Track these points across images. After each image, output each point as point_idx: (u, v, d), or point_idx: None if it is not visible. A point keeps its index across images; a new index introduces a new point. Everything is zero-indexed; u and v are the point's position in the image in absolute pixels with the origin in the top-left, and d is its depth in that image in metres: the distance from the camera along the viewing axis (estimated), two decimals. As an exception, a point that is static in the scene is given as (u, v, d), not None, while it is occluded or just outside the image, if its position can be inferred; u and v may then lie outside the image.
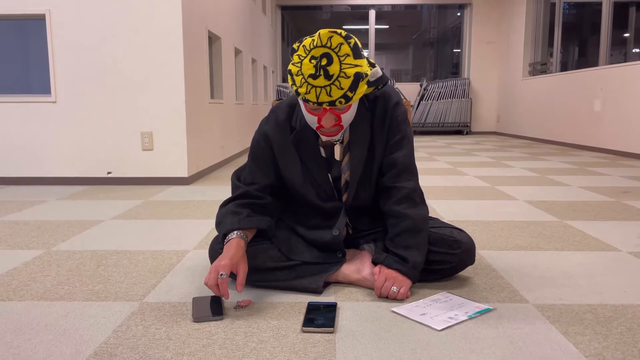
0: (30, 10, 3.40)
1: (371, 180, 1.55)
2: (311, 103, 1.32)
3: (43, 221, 2.45)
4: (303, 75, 1.30)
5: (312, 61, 1.29)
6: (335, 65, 1.28)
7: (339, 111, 1.36)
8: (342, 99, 1.31)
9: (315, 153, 1.51)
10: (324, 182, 1.53)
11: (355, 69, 1.30)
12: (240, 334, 1.22)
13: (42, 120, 3.50)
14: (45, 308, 1.39)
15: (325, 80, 1.28)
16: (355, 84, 1.30)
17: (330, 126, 1.37)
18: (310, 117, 1.39)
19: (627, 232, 2.19)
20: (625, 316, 1.32)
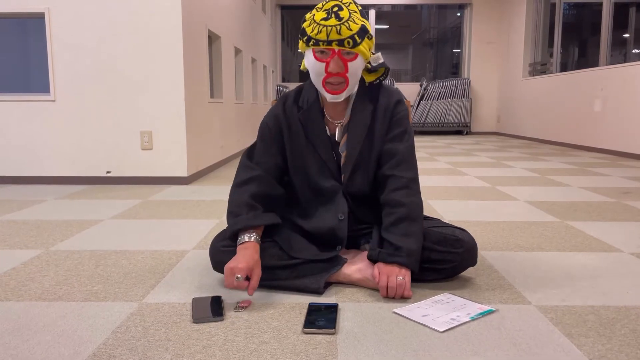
0: (30, 9, 3.38)
1: (368, 167, 1.58)
2: (322, 43, 1.40)
3: (42, 221, 2.44)
4: (315, 21, 1.41)
5: (324, 12, 1.42)
6: (345, 12, 1.41)
7: (346, 58, 1.42)
8: (350, 39, 1.40)
9: (321, 130, 1.57)
10: (328, 159, 1.57)
11: (362, 23, 1.43)
12: (241, 335, 1.21)
13: (41, 119, 3.49)
14: (44, 308, 1.38)
15: (336, 21, 1.39)
16: (362, 33, 1.41)
17: (337, 74, 1.42)
18: (318, 65, 1.44)
19: (629, 233, 2.18)
20: (629, 317, 1.31)
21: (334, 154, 1.59)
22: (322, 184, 1.58)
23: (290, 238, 1.57)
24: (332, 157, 1.58)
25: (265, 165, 1.58)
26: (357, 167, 1.57)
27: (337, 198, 1.58)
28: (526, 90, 8.12)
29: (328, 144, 1.57)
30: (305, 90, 1.60)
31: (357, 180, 1.59)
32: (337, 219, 1.55)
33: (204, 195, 3.11)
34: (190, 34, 3.60)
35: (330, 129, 1.59)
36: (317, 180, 1.58)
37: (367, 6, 9.69)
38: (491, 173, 4.09)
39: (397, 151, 1.54)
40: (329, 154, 1.57)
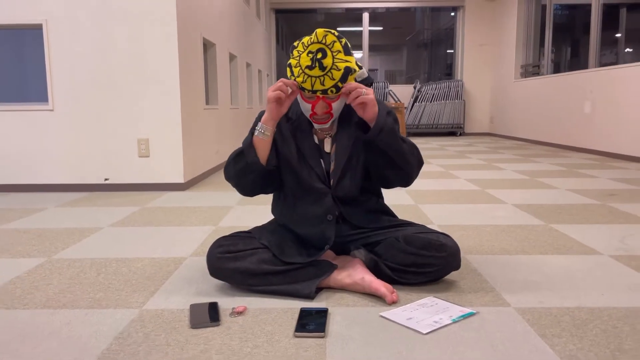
0: (28, 20, 3.45)
1: (355, 173, 1.68)
2: (307, 91, 1.52)
3: (43, 229, 2.51)
4: (301, 66, 1.51)
5: (309, 55, 1.50)
6: (329, 59, 1.49)
7: (330, 100, 1.55)
8: (334, 88, 1.51)
9: (309, 140, 1.67)
10: (316, 166, 1.66)
11: (346, 64, 1.52)
12: (236, 340, 1.29)
13: (39, 128, 3.56)
14: (49, 316, 1.45)
15: (320, 71, 1.49)
16: (345, 76, 1.52)
17: (322, 113, 1.57)
18: (305, 105, 1.58)
19: (610, 236, 2.27)
20: (601, 318, 1.40)
21: (322, 162, 1.68)
22: (311, 185, 1.67)
23: (281, 243, 1.66)
24: (319, 164, 1.67)
25: None
26: (344, 173, 1.67)
27: (326, 200, 1.66)
28: (518, 91, 8.22)
29: (317, 153, 1.67)
30: (294, 103, 1.70)
31: (346, 185, 1.68)
32: (326, 220, 1.64)
33: (200, 202, 3.18)
34: (186, 42, 3.68)
35: (319, 137, 1.69)
36: (307, 183, 1.66)
37: (361, 9, 9.78)
38: (482, 176, 4.18)
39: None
40: (316, 162, 1.67)
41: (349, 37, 1.59)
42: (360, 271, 1.60)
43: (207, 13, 4.36)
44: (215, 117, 4.60)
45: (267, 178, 1.65)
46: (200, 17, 4.11)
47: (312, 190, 1.67)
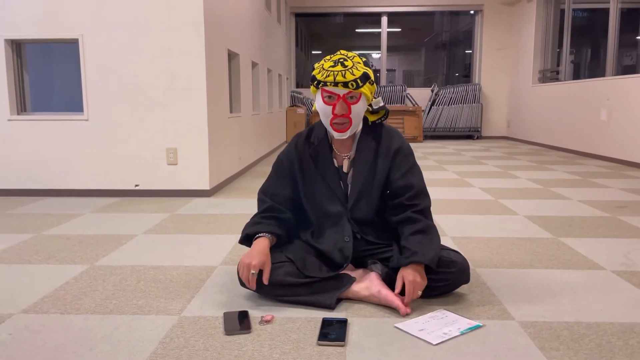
0: (65, 35, 3.66)
1: (371, 195, 1.85)
2: (329, 84, 1.69)
3: (83, 235, 2.71)
4: (324, 68, 1.71)
5: (331, 61, 1.72)
6: (350, 62, 1.71)
7: (350, 101, 1.71)
8: (353, 82, 1.68)
9: (329, 163, 1.85)
10: (336, 187, 1.84)
11: (365, 70, 1.72)
12: (266, 346, 1.46)
13: (75, 136, 3.78)
14: (99, 321, 1.64)
15: (342, 67, 1.68)
16: (364, 78, 1.70)
17: (342, 114, 1.71)
18: (326, 108, 1.74)
19: (616, 250, 2.38)
20: (597, 333, 1.53)
21: (341, 183, 1.85)
22: (329, 209, 1.86)
23: (304, 258, 1.82)
24: (339, 186, 1.85)
25: (277, 197, 1.88)
26: (361, 197, 1.85)
27: (343, 222, 1.84)
28: (535, 96, 8.27)
29: (336, 175, 1.85)
30: (316, 129, 1.89)
31: (361, 208, 1.85)
32: (344, 241, 1.81)
33: (225, 209, 3.37)
34: (212, 55, 3.86)
35: (338, 161, 1.87)
36: (325, 207, 1.86)
37: (379, 13, 9.89)
38: (496, 184, 4.29)
39: (412, 184, 1.81)
40: (336, 183, 1.85)
41: (367, 38, 1.91)
42: (376, 284, 1.75)
43: (231, 25, 4.54)
44: (238, 125, 4.79)
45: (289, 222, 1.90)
46: (225, 29, 4.29)
47: (330, 216, 1.86)
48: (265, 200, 1.89)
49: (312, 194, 1.87)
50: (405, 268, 1.68)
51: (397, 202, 1.81)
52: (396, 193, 1.82)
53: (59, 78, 3.92)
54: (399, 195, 1.81)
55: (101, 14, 3.63)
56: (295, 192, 1.90)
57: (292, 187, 1.89)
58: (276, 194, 1.88)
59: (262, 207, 1.89)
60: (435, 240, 1.74)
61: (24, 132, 3.79)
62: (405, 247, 1.71)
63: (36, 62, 3.95)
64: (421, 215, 1.77)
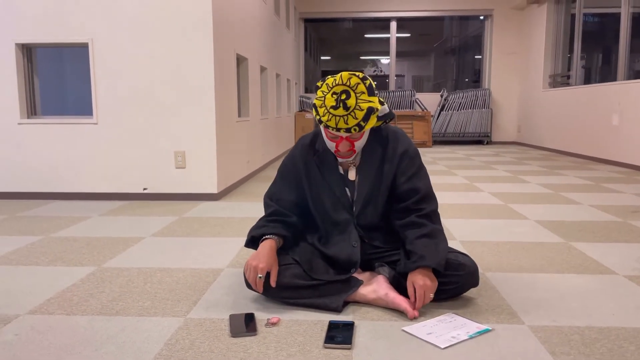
0: (75, 39, 3.70)
1: (377, 201, 1.83)
2: (331, 129, 1.65)
3: (91, 238, 2.72)
4: (326, 106, 1.63)
5: (333, 96, 1.63)
6: (352, 99, 1.62)
7: (353, 139, 1.70)
8: (357, 127, 1.64)
9: (334, 170, 1.83)
10: (341, 195, 1.82)
11: (369, 104, 1.63)
12: (272, 349, 1.44)
13: (84, 140, 3.80)
14: (105, 322, 1.63)
15: (344, 111, 1.62)
16: (367, 115, 1.63)
17: (345, 151, 1.71)
18: (330, 143, 1.74)
19: (628, 255, 2.34)
20: (609, 338, 1.50)
21: (347, 190, 1.82)
22: (336, 217, 1.84)
23: (311, 261, 1.81)
24: (345, 193, 1.83)
25: (282, 202, 1.86)
26: (367, 203, 1.82)
27: (350, 229, 1.82)
28: (546, 101, 8.21)
29: (341, 182, 1.83)
30: (321, 135, 1.85)
31: (368, 214, 1.83)
32: (351, 247, 1.78)
33: (233, 212, 3.36)
34: (221, 59, 3.87)
35: (343, 167, 1.84)
36: (331, 214, 1.84)
37: (388, 18, 9.89)
38: (506, 189, 4.25)
39: (418, 188, 1.78)
40: (341, 191, 1.83)
41: (376, 43, 1.77)
42: (384, 287, 1.73)
43: (240, 29, 4.56)
44: (246, 129, 4.80)
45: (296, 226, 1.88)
46: (234, 33, 4.31)
47: (337, 223, 1.84)
48: (270, 205, 1.88)
49: (319, 201, 1.86)
50: (414, 273, 1.66)
51: (402, 206, 1.79)
52: (402, 197, 1.79)
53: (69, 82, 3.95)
54: (405, 199, 1.78)
55: (111, 18, 3.66)
56: (300, 197, 1.88)
57: (298, 191, 1.88)
58: (281, 199, 1.87)
59: (267, 211, 1.88)
60: (442, 243, 1.72)
61: (34, 136, 3.82)
62: (412, 252, 1.69)
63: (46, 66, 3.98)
64: (427, 219, 1.75)
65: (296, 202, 1.87)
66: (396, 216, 1.81)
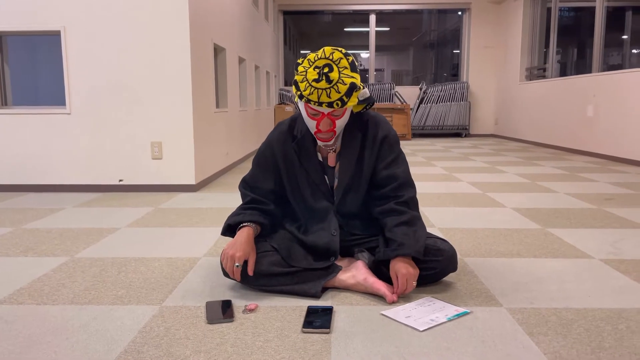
0: (46, 27, 3.59)
1: (358, 189, 1.80)
2: (313, 103, 1.59)
3: (64, 229, 2.65)
4: (307, 80, 1.58)
5: (315, 69, 1.58)
6: (335, 73, 1.57)
7: (334, 117, 1.64)
8: (339, 101, 1.59)
9: (313, 157, 1.78)
10: (321, 183, 1.78)
11: (351, 79, 1.59)
12: (249, 334, 1.42)
13: (57, 130, 3.70)
14: (77, 311, 1.59)
15: (326, 84, 1.56)
16: (350, 91, 1.58)
17: (326, 130, 1.64)
18: (310, 121, 1.66)
19: (603, 240, 2.37)
20: (586, 318, 1.51)
21: (326, 178, 1.79)
22: (315, 205, 1.80)
23: (289, 248, 1.78)
24: (324, 181, 1.79)
25: (258, 191, 1.82)
26: (348, 191, 1.79)
27: (329, 217, 1.79)
28: (523, 94, 8.30)
29: (320, 170, 1.79)
30: (299, 120, 1.81)
31: (348, 202, 1.80)
32: (330, 235, 1.76)
33: (211, 203, 3.32)
34: (198, 49, 3.81)
35: (322, 154, 1.80)
36: (311, 202, 1.81)
37: (368, 11, 9.88)
38: (484, 179, 4.28)
39: (396, 175, 1.76)
40: (320, 178, 1.79)
41: (355, 37, 1.71)
42: (363, 272, 1.72)
43: (217, 19, 4.49)
44: (225, 120, 4.74)
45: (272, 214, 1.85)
46: (211, 23, 4.24)
47: (316, 211, 1.81)
48: (247, 194, 1.83)
49: (297, 189, 1.82)
50: (395, 262, 1.64)
51: (381, 193, 1.77)
52: (380, 184, 1.77)
53: (42, 71, 3.84)
54: (383, 186, 1.77)
55: (84, 6, 3.57)
56: (277, 185, 1.84)
57: (275, 179, 1.83)
58: (258, 187, 1.83)
59: (244, 200, 1.84)
60: (420, 230, 1.71)
61: (5, 127, 3.71)
62: (391, 240, 1.68)
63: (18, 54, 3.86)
64: (405, 206, 1.73)
65: (273, 190, 1.83)
66: (375, 203, 1.79)
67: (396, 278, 1.63)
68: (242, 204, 1.84)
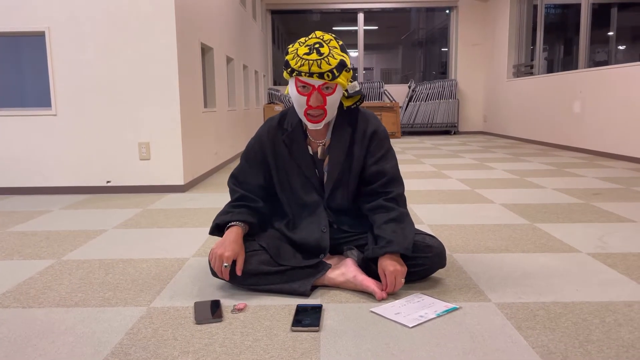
0: (31, 28, 3.55)
1: (348, 184, 1.80)
2: (304, 74, 1.59)
3: (50, 231, 2.62)
4: (298, 55, 1.60)
5: (306, 47, 1.60)
6: (326, 48, 1.60)
7: (325, 92, 1.63)
8: (330, 73, 1.59)
9: (303, 150, 1.78)
10: (311, 176, 1.78)
11: (341, 57, 1.61)
12: (238, 334, 1.41)
13: (43, 132, 3.66)
14: (63, 314, 1.57)
15: (317, 56, 1.58)
16: (340, 67, 1.60)
17: (317, 107, 1.63)
18: (300, 98, 1.65)
19: (590, 234, 2.39)
20: (573, 312, 1.52)
21: (317, 171, 1.79)
22: (305, 198, 1.80)
23: (278, 247, 1.77)
24: (314, 174, 1.79)
25: (247, 185, 1.82)
26: (337, 185, 1.79)
27: (319, 211, 1.78)
28: (510, 91, 8.35)
29: (311, 163, 1.79)
30: (289, 114, 1.81)
31: (338, 196, 1.79)
32: (320, 231, 1.75)
33: (200, 203, 3.30)
34: (185, 48, 3.78)
35: (313, 148, 1.80)
36: (301, 195, 1.80)
37: (356, 10, 9.88)
38: (473, 176, 4.30)
39: (385, 171, 1.76)
40: (311, 172, 1.79)
41: (344, 36, 1.72)
42: (352, 270, 1.72)
43: (204, 18, 4.47)
44: (213, 120, 4.71)
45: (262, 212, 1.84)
46: (198, 22, 4.22)
47: (305, 205, 1.80)
48: (236, 190, 1.82)
49: (287, 183, 1.81)
50: (383, 259, 1.64)
51: (370, 189, 1.77)
52: (369, 179, 1.78)
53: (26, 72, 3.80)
54: (372, 182, 1.77)
55: (69, 6, 3.53)
56: (267, 180, 1.83)
57: (264, 174, 1.82)
58: (247, 182, 1.82)
59: (233, 196, 1.83)
60: (409, 227, 1.71)
61: (-11, 129, 3.67)
62: (380, 237, 1.68)
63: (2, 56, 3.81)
64: (394, 202, 1.73)
65: (262, 185, 1.82)
66: (364, 199, 1.79)
67: (384, 276, 1.63)
68: (231, 201, 1.82)
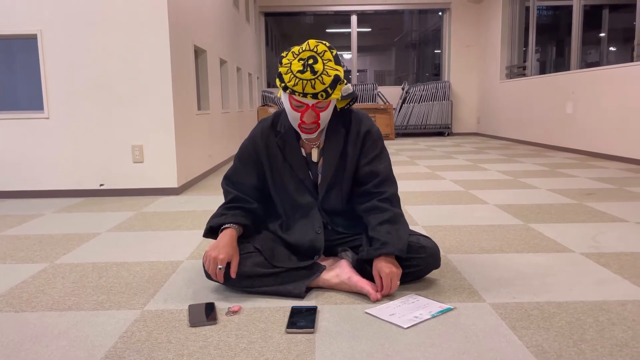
0: (23, 31, 3.53)
1: (342, 185, 1.79)
2: (297, 94, 1.58)
3: (43, 235, 2.60)
4: (292, 71, 1.57)
5: (300, 61, 1.58)
6: (320, 64, 1.57)
7: (319, 109, 1.63)
8: (324, 92, 1.58)
9: (297, 152, 1.77)
10: (305, 178, 1.77)
11: (335, 72, 1.59)
12: (232, 336, 1.40)
13: (35, 135, 3.64)
14: (57, 318, 1.56)
15: (311, 75, 1.56)
16: (334, 83, 1.58)
17: (310, 122, 1.63)
18: (294, 113, 1.65)
19: (584, 234, 2.40)
20: (567, 312, 1.53)
21: (310, 173, 1.79)
22: (299, 200, 1.79)
23: (273, 248, 1.77)
24: (308, 176, 1.79)
25: (241, 186, 1.81)
26: (331, 187, 1.78)
27: (313, 213, 1.78)
28: (503, 92, 8.39)
29: (304, 164, 1.78)
30: (282, 116, 1.80)
31: (332, 198, 1.79)
32: (314, 232, 1.75)
33: (194, 206, 3.29)
34: (178, 50, 3.77)
35: (306, 149, 1.80)
36: (295, 197, 1.79)
37: (349, 12, 9.90)
38: (467, 177, 4.32)
39: (378, 171, 1.76)
40: (305, 173, 1.78)
41: (337, 38, 1.71)
42: (347, 271, 1.71)
43: (197, 20, 4.46)
44: (207, 122, 4.70)
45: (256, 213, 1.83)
46: (191, 24, 4.21)
47: (299, 207, 1.80)
48: (230, 191, 1.82)
49: (281, 185, 1.81)
50: (378, 261, 1.64)
51: (363, 190, 1.77)
52: (362, 180, 1.78)
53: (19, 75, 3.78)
54: (365, 182, 1.77)
55: (61, 8, 3.51)
56: (261, 181, 1.83)
57: (258, 175, 1.82)
58: (241, 183, 1.81)
59: (227, 197, 1.83)
60: (403, 228, 1.71)
61: (-19, 132, 3.64)
62: (374, 238, 1.68)
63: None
64: (387, 203, 1.73)
65: (256, 186, 1.82)
66: (357, 200, 1.79)
67: (379, 277, 1.63)
68: (225, 202, 1.82)
